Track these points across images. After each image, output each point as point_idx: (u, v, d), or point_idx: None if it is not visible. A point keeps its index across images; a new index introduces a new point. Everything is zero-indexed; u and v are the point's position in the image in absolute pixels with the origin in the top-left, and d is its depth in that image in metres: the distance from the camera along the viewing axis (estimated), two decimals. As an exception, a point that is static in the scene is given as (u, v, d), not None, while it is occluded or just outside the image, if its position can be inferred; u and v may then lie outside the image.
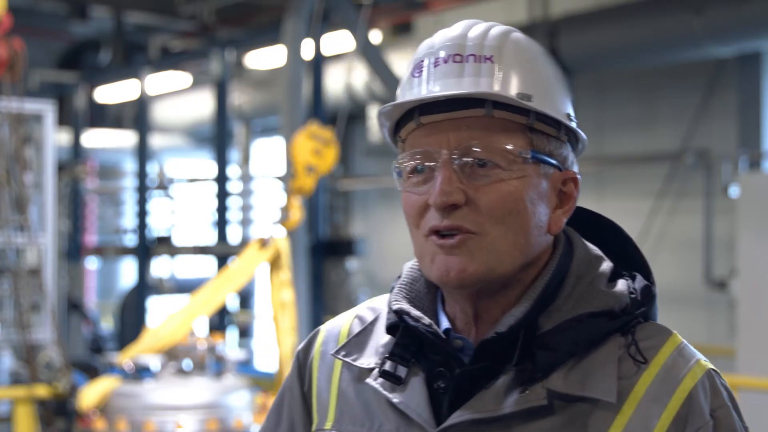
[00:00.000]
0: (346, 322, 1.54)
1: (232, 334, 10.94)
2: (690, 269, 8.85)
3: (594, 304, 1.36)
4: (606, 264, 1.42)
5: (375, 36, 10.25)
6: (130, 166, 13.01)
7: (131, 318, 11.51)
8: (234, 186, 10.95)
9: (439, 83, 1.36)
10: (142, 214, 11.35)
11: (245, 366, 8.67)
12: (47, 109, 7.97)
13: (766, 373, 6.87)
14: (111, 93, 13.01)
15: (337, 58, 10.25)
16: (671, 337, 1.38)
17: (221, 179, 10.69)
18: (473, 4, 9.73)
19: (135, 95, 11.99)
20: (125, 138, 13.15)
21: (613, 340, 1.35)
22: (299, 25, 8.83)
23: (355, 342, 1.48)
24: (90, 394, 6.13)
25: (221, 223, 10.60)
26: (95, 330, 12.26)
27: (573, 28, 8.37)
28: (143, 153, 11.46)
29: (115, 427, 5.97)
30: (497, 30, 1.40)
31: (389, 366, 1.40)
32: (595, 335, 1.35)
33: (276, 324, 6.72)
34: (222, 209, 10.62)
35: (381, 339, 1.46)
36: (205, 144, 13.00)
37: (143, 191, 11.40)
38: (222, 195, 10.64)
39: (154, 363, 6.21)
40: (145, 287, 11.27)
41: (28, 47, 6.94)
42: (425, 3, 9.82)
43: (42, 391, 6.67)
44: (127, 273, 14.97)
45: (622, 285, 1.40)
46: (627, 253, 1.46)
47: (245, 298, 11.35)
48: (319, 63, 9.65)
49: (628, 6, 8.08)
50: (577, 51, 8.37)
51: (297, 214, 6.93)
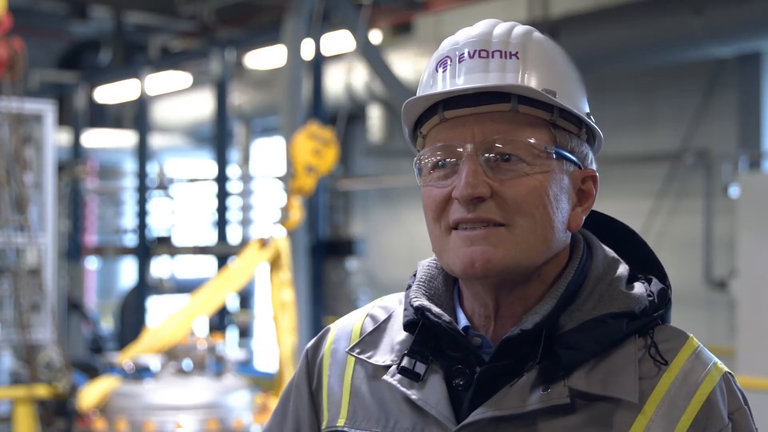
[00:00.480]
0: (358, 320, 1.54)
1: (232, 334, 10.94)
2: (690, 269, 8.85)
3: (615, 305, 1.37)
4: (623, 267, 1.44)
5: (375, 36, 10.25)
6: (130, 166, 13.01)
7: (131, 318, 11.51)
8: (234, 186, 10.95)
9: (465, 78, 1.37)
10: (142, 214, 11.35)
11: (245, 366, 8.67)
12: (47, 109, 7.97)
13: (766, 373, 6.87)
14: (111, 93, 13.01)
15: (337, 58, 10.25)
16: (689, 341, 1.41)
17: (221, 179, 10.69)
18: (473, 4, 9.73)
19: (135, 95, 11.99)
20: (125, 138, 13.15)
21: (633, 341, 1.37)
22: (299, 25, 8.83)
23: (369, 340, 1.48)
24: (90, 394, 6.13)
25: (221, 223, 10.59)
26: (95, 330, 12.26)
27: (573, 28, 8.37)
28: (143, 153, 11.46)
29: (115, 427, 5.97)
30: (521, 28, 1.42)
31: (407, 363, 1.40)
32: (616, 336, 1.36)
33: (276, 324, 6.72)
34: (222, 209, 10.61)
35: (396, 336, 1.46)
36: (205, 144, 13.00)
37: (143, 191, 11.40)
38: (222, 195, 10.64)
39: (154, 363, 6.21)
40: (145, 287, 11.27)
41: (28, 47, 6.94)
42: (425, 3, 9.82)
43: (42, 391, 6.67)
44: (127, 273, 14.97)
45: (639, 287, 1.42)
46: (641, 257, 1.48)
47: (245, 298, 11.35)
48: (319, 63, 9.65)
49: (628, 6, 8.08)
50: (577, 51, 8.35)
51: (297, 214, 6.92)
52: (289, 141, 7.38)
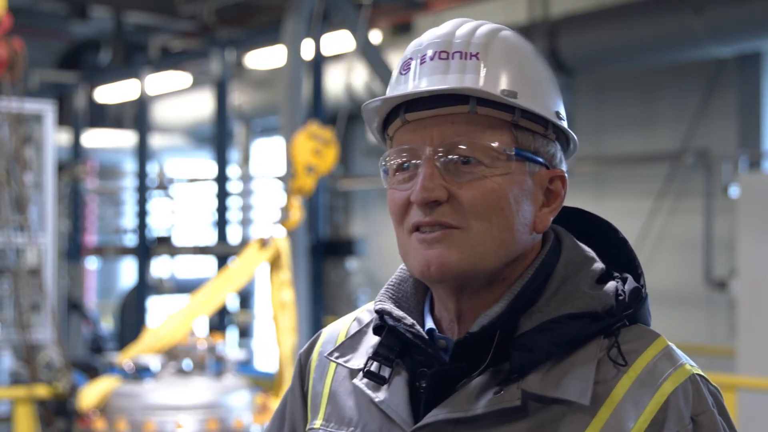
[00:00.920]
0: (345, 324, 1.56)
1: (232, 334, 10.93)
2: (690, 269, 8.85)
3: (575, 305, 1.34)
4: (596, 265, 1.41)
5: (375, 36, 10.25)
6: (130, 166, 13.01)
7: (131, 318, 11.51)
8: (234, 186, 10.95)
9: (425, 80, 1.36)
10: (142, 214, 11.35)
11: (245, 366, 8.67)
12: (47, 109, 7.97)
13: (766, 373, 6.87)
14: (111, 93, 13.01)
15: (337, 58, 10.26)
16: (657, 341, 1.36)
17: (221, 179, 10.69)
18: (473, 4, 9.74)
19: (135, 95, 11.99)
20: (125, 138, 13.15)
21: (596, 342, 1.34)
22: (299, 25, 8.83)
23: (349, 344, 1.49)
24: (90, 394, 6.13)
25: (221, 223, 10.60)
26: (95, 330, 12.26)
27: (573, 28, 8.38)
28: (143, 153, 11.46)
29: (115, 427, 5.96)
30: (485, 28, 1.40)
31: (374, 366, 1.41)
32: (576, 337, 1.33)
33: (276, 324, 6.72)
34: (222, 209, 10.62)
35: (372, 340, 1.46)
36: (205, 144, 13.00)
37: (143, 191, 11.40)
38: (222, 195, 10.64)
39: (154, 363, 6.21)
40: (145, 287, 11.27)
41: (28, 47, 6.94)
42: (425, 3, 9.83)
43: (42, 391, 6.67)
44: (127, 273, 14.97)
45: (609, 287, 1.38)
46: (622, 255, 1.45)
47: (245, 298, 11.35)
48: (319, 63, 9.65)
49: (628, 6, 8.08)
50: (577, 51, 8.37)
51: (297, 214, 6.92)
52: (289, 141, 7.38)
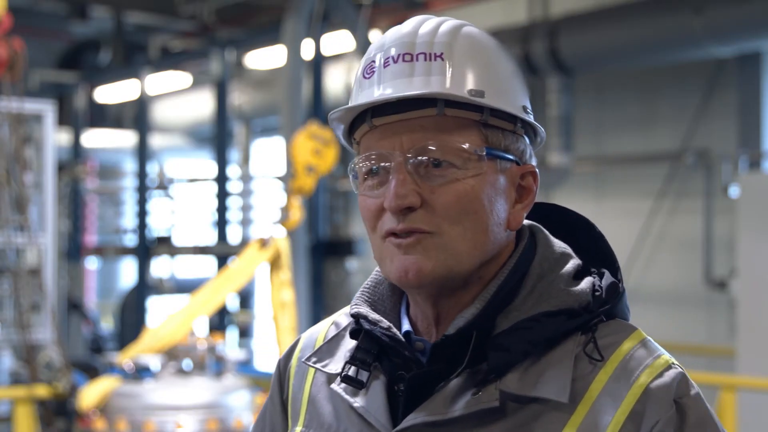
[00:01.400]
0: (323, 328, 1.55)
1: (232, 334, 10.94)
2: (690, 269, 8.85)
3: (551, 303, 1.33)
4: (573, 262, 1.39)
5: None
6: (130, 166, 13.01)
7: (131, 318, 11.51)
8: (234, 186, 10.96)
9: (390, 84, 1.34)
10: (142, 214, 11.36)
11: (245, 366, 8.66)
12: (47, 109, 7.97)
13: (766, 373, 6.87)
14: (111, 93, 13.01)
15: (337, 58, 10.26)
16: (633, 334, 1.35)
17: (221, 179, 10.69)
18: (473, 3, 9.74)
19: (135, 95, 11.99)
20: (125, 138, 13.15)
21: (573, 338, 1.32)
22: (299, 25, 8.83)
23: (327, 348, 1.48)
24: (90, 394, 6.13)
25: (221, 223, 10.60)
26: (95, 330, 12.26)
27: (573, 28, 8.37)
28: (143, 153, 11.46)
29: (115, 427, 5.97)
30: (448, 25, 1.38)
31: (352, 371, 1.40)
32: (553, 335, 1.32)
33: (276, 324, 6.72)
34: (222, 209, 10.62)
35: (349, 344, 1.45)
36: (205, 144, 13.00)
37: (143, 191, 11.40)
38: (222, 195, 10.64)
39: (154, 363, 6.21)
40: (145, 287, 11.27)
41: (28, 47, 6.94)
42: (425, 3, 9.83)
43: (42, 391, 6.67)
44: (127, 273, 14.97)
45: (586, 283, 1.37)
46: (598, 251, 1.44)
47: (245, 298, 11.35)
48: (319, 63, 9.65)
49: (628, 6, 8.08)
50: (577, 51, 8.37)
51: (297, 214, 6.92)
52: (289, 141, 7.38)
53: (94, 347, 11.82)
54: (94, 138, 13.07)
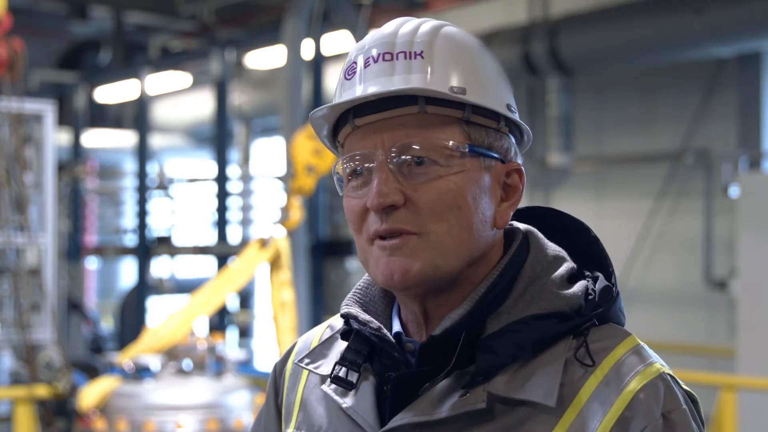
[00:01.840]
0: (319, 331, 1.55)
1: (232, 334, 10.93)
2: (690, 269, 8.85)
3: (541, 306, 1.32)
4: (566, 265, 1.38)
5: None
6: (130, 166, 13.01)
7: (131, 318, 11.51)
8: (234, 186, 10.95)
9: (371, 83, 1.33)
10: (142, 214, 11.36)
11: (245, 366, 8.66)
12: (47, 109, 7.97)
13: (766, 373, 6.87)
14: (111, 93, 13.01)
15: (337, 58, 10.26)
16: (627, 340, 1.33)
17: (221, 179, 10.69)
18: (473, 3, 9.74)
19: (135, 95, 11.99)
20: (125, 138, 13.15)
21: (564, 342, 1.31)
22: (299, 25, 8.83)
23: (320, 350, 1.48)
24: (90, 394, 6.13)
25: (221, 223, 10.60)
26: (95, 330, 12.26)
27: (573, 28, 8.37)
28: (143, 153, 11.46)
29: (115, 427, 5.97)
30: (428, 25, 1.38)
31: (342, 372, 1.40)
32: (543, 338, 1.31)
33: (276, 324, 6.73)
34: (222, 209, 10.62)
35: (342, 346, 1.45)
36: (205, 144, 13.00)
37: (143, 191, 11.40)
38: (222, 195, 10.64)
39: (154, 363, 6.21)
40: (145, 287, 11.27)
41: (28, 47, 6.94)
42: (425, 3, 9.83)
43: (42, 391, 6.67)
44: (127, 273, 14.97)
45: (579, 286, 1.35)
46: (593, 254, 1.43)
47: (245, 298, 11.35)
48: (319, 63, 9.65)
49: (628, 6, 8.08)
50: (577, 51, 8.37)
51: (297, 214, 6.92)
52: (289, 141, 7.38)
53: (94, 347, 11.82)
54: (94, 138, 13.07)
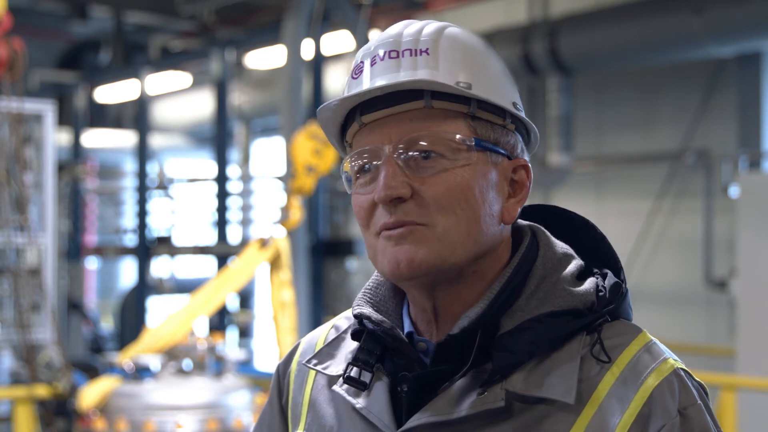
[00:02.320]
0: (323, 332, 1.55)
1: (232, 334, 10.93)
2: (690, 269, 8.85)
3: (555, 303, 1.33)
4: (575, 262, 1.40)
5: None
6: (130, 166, 13.01)
7: (131, 318, 11.51)
8: (234, 186, 10.96)
9: (378, 80, 1.35)
10: (142, 214, 11.36)
11: (245, 366, 8.66)
12: (47, 109, 7.97)
13: (766, 373, 6.87)
14: (111, 93, 13.02)
15: (337, 58, 10.26)
16: (639, 336, 1.35)
17: (221, 179, 10.69)
18: (473, 3, 9.74)
19: (135, 95, 11.99)
20: (125, 138, 13.15)
21: (578, 339, 1.32)
22: (299, 25, 8.83)
23: (327, 351, 1.48)
24: (90, 394, 6.13)
25: (221, 223, 10.60)
26: (95, 330, 12.26)
27: (573, 28, 8.38)
28: (143, 153, 11.46)
29: (115, 427, 5.96)
30: (433, 25, 1.39)
31: (354, 372, 1.40)
32: (558, 335, 1.32)
33: (276, 324, 6.73)
34: (222, 209, 10.62)
35: (350, 346, 1.45)
36: (205, 144, 13.00)
37: (143, 191, 11.40)
38: (222, 195, 10.64)
39: (154, 363, 6.21)
40: (145, 287, 11.27)
41: (28, 47, 6.94)
42: (425, 3, 9.83)
43: (42, 391, 6.67)
44: (127, 273, 14.97)
45: (589, 283, 1.37)
46: (600, 251, 1.44)
47: (245, 298, 11.35)
48: (319, 63, 9.65)
49: (628, 6, 8.08)
50: (577, 51, 8.37)
51: (297, 214, 6.93)
52: (289, 141, 7.38)
53: (94, 347, 11.82)
54: (94, 138, 13.07)
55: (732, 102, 8.65)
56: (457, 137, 1.33)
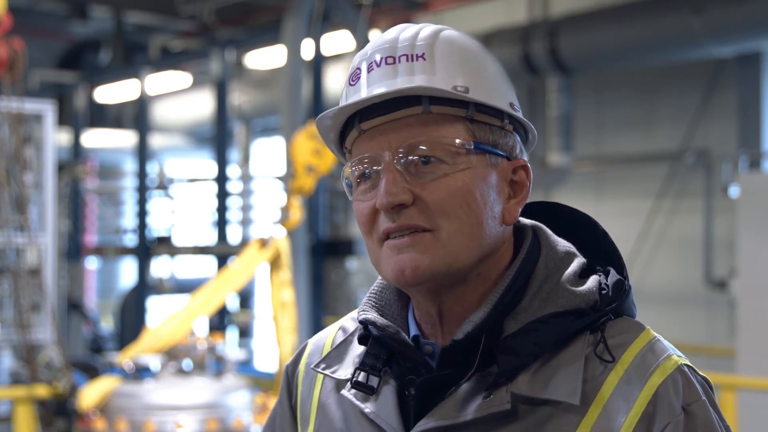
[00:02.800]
0: (330, 334, 1.56)
1: (232, 334, 10.93)
2: (690, 269, 8.85)
3: (559, 304, 1.34)
4: (577, 261, 1.40)
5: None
6: (130, 166, 13.01)
7: (131, 318, 11.51)
8: (234, 186, 10.96)
9: (375, 86, 1.35)
10: (142, 214, 11.36)
11: (245, 366, 8.67)
12: (47, 109, 7.97)
13: (766, 373, 6.87)
14: (111, 93, 13.02)
15: (337, 58, 10.26)
16: (643, 333, 1.35)
17: (221, 179, 10.69)
18: (473, 3, 9.74)
19: (135, 95, 12.00)
20: (125, 138, 13.15)
21: (582, 338, 1.33)
22: (299, 25, 8.83)
23: (335, 354, 1.49)
24: (90, 394, 6.13)
25: (221, 223, 10.60)
26: (95, 330, 12.26)
27: (573, 28, 8.38)
28: (143, 153, 11.46)
29: (115, 427, 5.96)
30: (428, 30, 1.39)
31: (362, 376, 1.40)
32: (562, 335, 1.32)
33: (276, 324, 6.72)
34: (222, 209, 10.62)
35: (358, 349, 1.46)
36: (205, 144, 13.00)
37: (143, 191, 11.40)
38: (222, 195, 10.64)
39: (154, 363, 6.20)
40: (145, 287, 11.27)
41: (28, 47, 6.94)
42: (425, 3, 9.83)
43: (42, 391, 6.67)
44: (127, 273, 14.97)
45: (592, 281, 1.37)
46: (602, 247, 1.44)
47: (245, 298, 11.35)
48: (319, 63, 9.65)
49: (628, 6, 8.08)
50: (577, 51, 8.37)
51: (297, 214, 6.92)
52: (289, 141, 7.38)
53: (94, 347, 11.82)
54: (94, 138, 13.07)
55: (732, 102, 8.65)
56: (456, 141, 1.34)
